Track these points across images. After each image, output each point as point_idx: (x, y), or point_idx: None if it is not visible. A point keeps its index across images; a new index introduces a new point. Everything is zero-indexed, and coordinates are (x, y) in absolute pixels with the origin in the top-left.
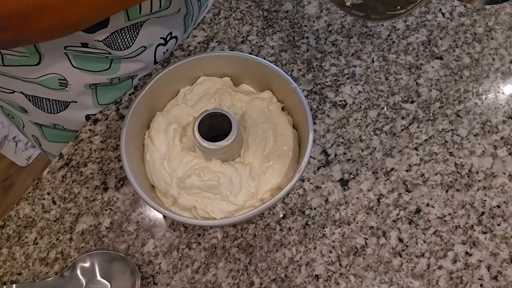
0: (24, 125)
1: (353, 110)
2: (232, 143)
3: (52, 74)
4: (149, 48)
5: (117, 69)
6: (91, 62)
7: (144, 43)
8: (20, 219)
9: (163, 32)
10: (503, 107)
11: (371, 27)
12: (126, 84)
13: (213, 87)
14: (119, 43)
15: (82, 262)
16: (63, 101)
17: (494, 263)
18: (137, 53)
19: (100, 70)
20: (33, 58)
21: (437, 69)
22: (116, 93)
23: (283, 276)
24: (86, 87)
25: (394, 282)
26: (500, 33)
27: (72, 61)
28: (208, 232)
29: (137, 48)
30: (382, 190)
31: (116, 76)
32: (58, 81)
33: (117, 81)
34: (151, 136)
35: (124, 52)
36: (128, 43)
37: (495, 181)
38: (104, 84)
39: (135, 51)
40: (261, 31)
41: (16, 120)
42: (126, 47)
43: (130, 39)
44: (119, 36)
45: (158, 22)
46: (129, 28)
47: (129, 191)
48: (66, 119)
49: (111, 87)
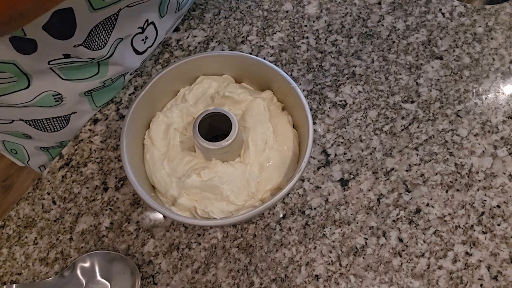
0: (30, 158)
1: (353, 110)
2: (232, 143)
3: (45, 92)
4: (126, 39)
5: (106, 71)
6: (79, 70)
7: (120, 35)
8: (20, 219)
9: (140, 20)
10: (503, 107)
11: (371, 27)
12: (119, 82)
13: (213, 87)
14: (98, 41)
15: (82, 262)
16: (64, 116)
17: (494, 263)
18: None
19: (90, 76)
20: (21, 81)
21: (437, 69)
22: (111, 92)
23: (283, 276)
24: (81, 96)
25: (394, 282)
26: (500, 33)
27: (60, 74)
28: (208, 232)
29: (113, 41)
30: (382, 190)
31: (107, 78)
32: (53, 98)
33: (110, 82)
34: (151, 136)
35: (104, 50)
36: (105, 39)
37: (495, 181)
38: (98, 88)
39: (112, 44)
40: (261, 31)
41: (21, 155)
42: (104, 43)
43: (106, 35)
44: (96, 34)
45: (132, 11)
46: (103, 23)
47: (129, 191)
48: (70, 132)
49: (106, 89)
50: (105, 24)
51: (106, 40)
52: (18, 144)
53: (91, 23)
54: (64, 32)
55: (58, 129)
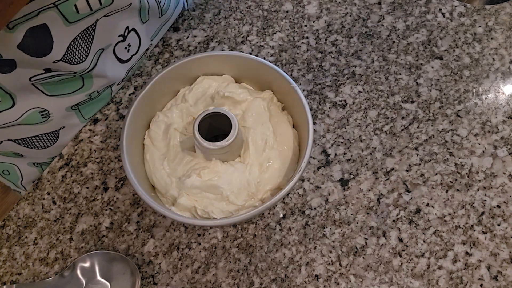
0: (23, 177)
1: (353, 110)
2: (232, 143)
3: (31, 109)
4: (107, 49)
5: (91, 83)
6: (62, 85)
7: (101, 46)
8: (20, 219)
9: (119, 28)
10: (503, 107)
11: (371, 27)
12: (106, 94)
13: (213, 87)
14: (78, 55)
15: (82, 262)
16: (53, 132)
17: (494, 263)
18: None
19: (75, 90)
20: (5, 101)
21: (437, 69)
22: (99, 104)
23: (283, 276)
24: (68, 110)
25: (394, 282)
26: (500, 33)
27: (44, 91)
28: (208, 232)
29: (95, 52)
30: (382, 190)
31: (93, 91)
32: (40, 114)
33: (96, 94)
34: (151, 136)
35: (85, 63)
36: (86, 52)
37: (495, 181)
38: (85, 101)
39: (94, 55)
40: (261, 31)
41: (13, 175)
42: (85, 56)
43: (86, 47)
44: (75, 48)
45: (110, 20)
46: (82, 35)
47: (129, 191)
48: (61, 146)
49: (93, 101)
50: (84, 36)
51: (87, 53)
52: (10, 163)
53: (69, 37)
54: (41, 49)
55: (49, 145)
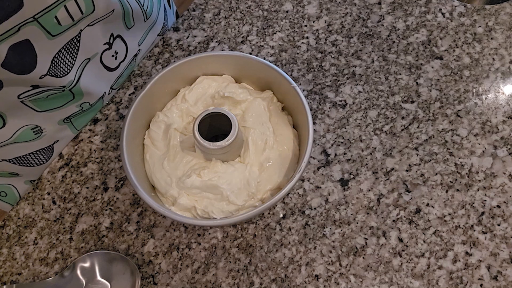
0: (21, 197)
1: (353, 110)
2: (232, 143)
3: (23, 127)
4: (94, 58)
5: (81, 95)
6: (52, 100)
7: (87, 56)
8: (20, 219)
9: (104, 36)
10: (503, 107)
11: (371, 27)
12: (98, 105)
13: (213, 87)
14: (63, 67)
15: (82, 262)
16: (47, 147)
17: (494, 263)
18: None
19: (66, 102)
20: None
21: (437, 69)
22: (91, 114)
23: (283, 276)
24: (60, 123)
25: (394, 282)
26: (500, 33)
27: (34, 107)
28: (208, 232)
29: (80, 63)
30: (382, 190)
31: (84, 101)
32: (32, 131)
33: (88, 106)
34: (151, 136)
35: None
36: (71, 63)
37: (495, 181)
38: (77, 113)
39: (79, 66)
40: (261, 31)
41: (11, 196)
42: (70, 67)
43: (71, 59)
44: (59, 60)
45: (94, 30)
46: (66, 47)
47: (129, 191)
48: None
49: (85, 112)
50: (68, 48)
51: (72, 64)
52: (6, 184)
53: (53, 50)
54: (25, 65)
55: (44, 161)
